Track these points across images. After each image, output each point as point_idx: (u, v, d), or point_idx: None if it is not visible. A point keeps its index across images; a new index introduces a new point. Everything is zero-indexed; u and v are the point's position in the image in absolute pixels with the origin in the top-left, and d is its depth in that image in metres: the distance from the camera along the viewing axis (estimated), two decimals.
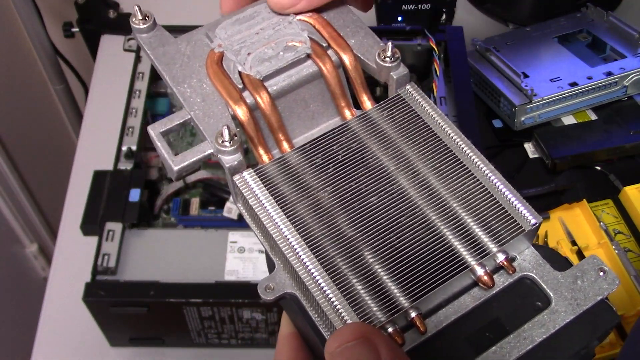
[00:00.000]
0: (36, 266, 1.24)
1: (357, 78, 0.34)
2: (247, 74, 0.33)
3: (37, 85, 1.19)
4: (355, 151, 0.32)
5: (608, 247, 0.75)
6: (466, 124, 0.74)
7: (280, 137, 0.33)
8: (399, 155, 0.32)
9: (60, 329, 0.71)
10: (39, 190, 1.22)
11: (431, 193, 0.31)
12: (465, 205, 0.30)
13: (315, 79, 0.34)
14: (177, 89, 0.33)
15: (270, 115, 0.33)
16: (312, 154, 0.32)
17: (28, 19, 1.00)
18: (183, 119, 0.33)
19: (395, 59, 0.33)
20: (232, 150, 0.31)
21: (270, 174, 0.31)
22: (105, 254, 0.65)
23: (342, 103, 0.34)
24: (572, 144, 0.82)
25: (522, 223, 0.30)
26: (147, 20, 0.35)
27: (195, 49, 0.34)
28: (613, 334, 0.69)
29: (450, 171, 0.31)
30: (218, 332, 0.67)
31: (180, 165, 0.32)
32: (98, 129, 0.84)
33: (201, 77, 0.33)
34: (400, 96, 0.33)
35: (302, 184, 0.31)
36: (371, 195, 0.31)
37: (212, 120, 0.32)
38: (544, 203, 0.78)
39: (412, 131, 0.32)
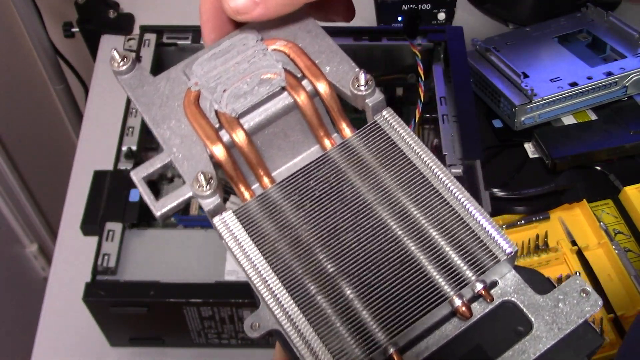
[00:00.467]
0: (36, 266, 1.24)
1: (334, 106, 0.34)
2: (223, 112, 0.33)
3: (37, 85, 1.19)
4: (332, 184, 0.32)
5: (608, 247, 0.75)
6: (466, 124, 0.74)
7: (260, 173, 0.34)
8: (377, 185, 0.32)
9: (60, 329, 0.71)
10: (39, 190, 1.22)
11: (408, 223, 0.31)
12: (442, 234, 0.30)
13: (292, 110, 0.34)
14: (157, 131, 0.33)
15: (247, 152, 0.33)
16: (289, 191, 0.32)
17: (28, 19, 1.00)
18: (163, 162, 0.33)
19: (369, 86, 0.33)
20: (209, 194, 0.31)
21: (249, 213, 0.32)
22: (105, 254, 0.65)
23: (321, 133, 0.34)
24: (572, 144, 0.82)
25: (497, 252, 0.30)
26: (126, 61, 0.35)
27: (174, 88, 0.35)
28: (613, 333, 0.69)
29: (426, 200, 0.31)
30: (218, 332, 0.67)
31: (161, 210, 0.32)
32: (98, 129, 0.84)
33: (179, 117, 0.34)
34: (376, 123, 0.33)
35: (281, 222, 0.31)
36: (348, 230, 0.31)
37: (191, 162, 0.32)
38: (544, 203, 0.78)
39: (389, 159, 0.32)
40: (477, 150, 0.72)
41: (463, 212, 0.31)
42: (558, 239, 0.75)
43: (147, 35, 0.84)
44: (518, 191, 0.78)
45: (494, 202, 0.72)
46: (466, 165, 0.71)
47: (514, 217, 0.77)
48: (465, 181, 0.69)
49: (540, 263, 0.74)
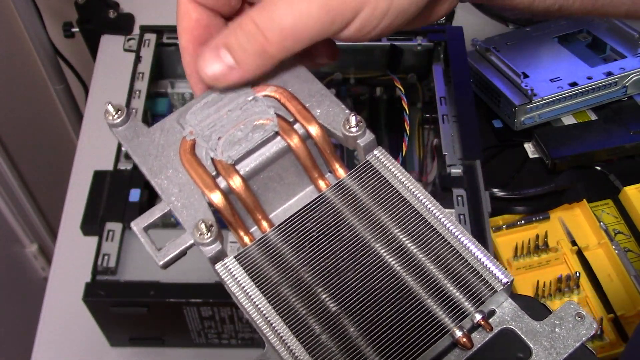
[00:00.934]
0: (36, 266, 1.24)
1: (326, 148, 0.34)
2: (219, 160, 0.34)
3: (37, 85, 1.19)
4: (330, 225, 0.33)
5: (608, 247, 0.75)
6: (466, 124, 0.74)
7: (258, 217, 0.34)
8: (373, 223, 0.33)
9: (60, 329, 0.71)
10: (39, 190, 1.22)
11: (406, 259, 0.32)
12: (440, 268, 0.31)
13: (286, 153, 0.35)
14: (155, 182, 0.34)
15: (245, 197, 0.34)
16: (288, 234, 0.33)
17: (28, 19, 1.00)
18: (163, 212, 0.34)
19: (360, 127, 0.33)
20: (210, 242, 0.32)
21: (250, 258, 0.32)
22: (105, 254, 0.65)
23: (315, 174, 0.35)
24: (572, 144, 0.82)
25: (494, 283, 0.30)
26: (120, 114, 0.36)
27: (169, 137, 0.35)
28: (613, 333, 0.69)
29: (422, 235, 0.32)
30: (218, 332, 0.67)
31: (164, 260, 0.33)
32: (98, 129, 0.84)
33: (176, 166, 0.34)
34: (368, 162, 0.34)
35: (282, 264, 0.32)
36: (348, 269, 0.31)
37: (190, 210, 0.33)
38: (544, 203, 0.78)
39: (383, 197, 0.33)
40: (477, 150, 0.72)
41: (458, 245, 0.32)
42: (558, 239, 0.75)
43: (147, 35, 0.84)
44: (518, 191, 0.78)
45: (494, 202, 0.72)
46: (466, 165, 0.71)
47: (514, 217, 0.77)
48: (465, 181, 0.69)
49: (540, 263, 0.74)
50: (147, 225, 0.34)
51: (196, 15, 0.37)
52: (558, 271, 0.73)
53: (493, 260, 0.31)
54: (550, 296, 0.71)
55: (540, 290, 0.71)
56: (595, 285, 0.72)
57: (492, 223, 0.75)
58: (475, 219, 0.67)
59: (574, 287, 0.71)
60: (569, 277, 0.71)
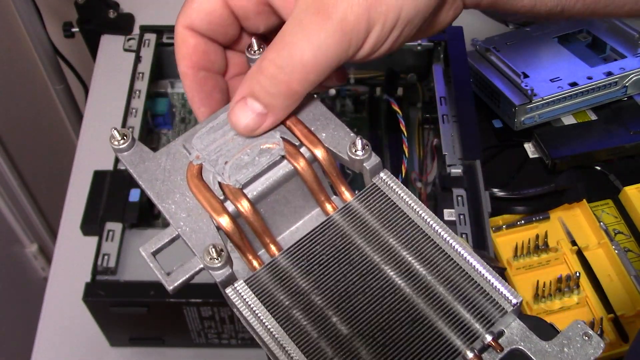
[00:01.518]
0: (36, 266, 1.24)
1: (332, 171, 0.35)
2: (226, 184, 0.34)
3: (37, 85, 1.19)
4: (338, 248, 0.33)
5: (608, 247, 0.75)
6: (466, 124, 0.74)
7: (267, 240, 0.34)
8: (381, 245, 0.33)
9: (60, 329, 0.71)
10: (39, 190, 1.22)
11: (416, 281, 0.32)
12: (449, 290, 0.31)
13: (293, 177, 0.35)
14: (162, 206, 0.34)
15: (253, 221, 0.34)
16: (297, 257, 0.33)
17: (28, 19, 1.00)
18: (171, 236, 0.34)
19: (366, 150, 0.34)
20: (220, 266, 0.32)
21: (260, 282, 0.32)
22: (105, 254, 0.65)
23: (322, 197, 0.35)
24: (572, 144, 0.82)
25: (503, 304, 0.31)
26: (126, 139, 0.36)
27: (175, 162, 0.35)
28: (613, 333, 0.69)
29: (431, 257, 0.32)
30: (218, 332, 0.67)
31: (174, 285, 0.33)
32: (98, 129, 0.84)
33: (183, 191, 0.34)
34: (375, 185, 0.34)
35: (292, 288, 0.32)
36: (358, 292, 0.32)
37: (199, 235, 0.33)
38: (544, 203, 0.78)
39: (391, 220, 0.33)
40: (477, 150, 0.72)
41: (467, 267, 0.32)
42: (558, 239, 0.75)
43: (147, 35, 0.84)
44: (518, 191, 0.78)
45: (494, 202, 0.72)
46: (466, 165, 0.71)
47: (514, 217, 0.77)
48: (465, 181, 0.69)
49: (540, 263, 0.74)
50: (155, 250, 0.34)
51: (194, 42, 0.37)
52: (558, 271, 0.73)
53: (502, 281, 0.31)
54: (550, 296, 0.71)
55: (540, 290, 0.71)
56: (595, 285, 0.72)
57: (492, 223, 0.75)
58: (475, 219, 0.67)
59: (574, 287, 0.71)
60: (569, 277, 0.71)
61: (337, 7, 0.31)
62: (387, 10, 0.32)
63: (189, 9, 0.36)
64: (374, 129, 0.82)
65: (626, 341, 0.68)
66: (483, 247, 0.65)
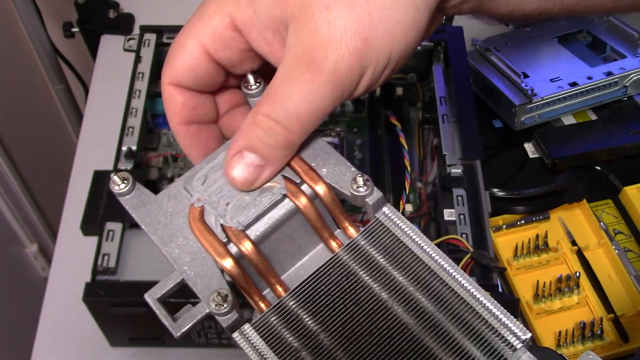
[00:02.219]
0: (36, 266, 1.24)
1: (335, 207, 0.35)
2: (229, 226, 0.34)
3: (37, 85, 1.19)
4: (345, 286, 0.33)
5: (608, 247, 0.75)
6: (466, 124, 0.74)
7: (271, 281, 0.34)
8: (388, 283, 0.33)
9: (60, 329, 0.71)
10: (39, 190, 1.22)
11: (424, 319, 0.31)
12: (458, 328, 0.31)
13: (295, 215, 0.35)
14: (166, 251, 0.34)
15: (257, 262, 0.33)
16: (304, 298, 0.32)
17: (28, 19, 1.00)
18: (176, 281, 0.33)
19: (368, 186, 0.34)
20: (226, 312, 0.32)
21: (267, 324, 0.32)
22: (105, 254, 0.65)
23: (325, 234, 0.35)
24: (572, 144, 0.82)
25: (512, 341, 0.31)
26: (126, 183, 0.36)
27: (176, 205, 0.35)
28: (613, 333, 0.69)
29: (438, 294, 0.32)
30: (218, 332, 0.67)
31: (180, 331, 0.33)
32: (98, 129, 0.84)
33: (186, 234, 0.34)
34: (379, 221, 0.34)
35: (300, 330, 0.32)
36: (367, 333, 0.31)
37: (204, 279, 0.33)
38: (544, 203, 0.78)
39: (396, 256, 0.33)
40: (477, 150, 0.72)
41: (474, 303, 0.32)
42: (558, 239, 0.75)
43: (147, 35, 0.84)
44: (518, 191, 0.78)
45: (494, 202, 0.72)
46: (466, 165, 0.71)
47: (514, 217, 0.77)
48: (465, 181, 0.69)
49: (540, 263, 0.74)
50: (160, 296, 0.33)
51: (182, 99, 0.37)
52: (558, 271, 0.73)
53: (511, 317, 0.31)
54: (550, 296, 0.71)
55: (540, 290, 0.71)
56: (595, 285, 0.72)
57: (492, 223, 0.75)
58: (475, 219, 0.67)
59: (573, 287, 0.71)
60: (569, 277, 0.71)
61: (328, 58, 0.31)
62: (377, 54, 0.31)
63: (173, 66, 0.35)
64: (374, 129, 0.82)
65: (626, 341, 0.68)
66: (483, 247, 0.65)
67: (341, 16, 0.30)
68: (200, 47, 0.34)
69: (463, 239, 0.64)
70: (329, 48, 0.30)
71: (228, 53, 0.35)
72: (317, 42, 0.31)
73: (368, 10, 0.30)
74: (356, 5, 0.30)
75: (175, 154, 0.78)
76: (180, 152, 0.78)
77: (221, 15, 0.34)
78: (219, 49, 0.35)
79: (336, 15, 0.30)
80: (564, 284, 0.71)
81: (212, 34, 0.34)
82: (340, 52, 0.30)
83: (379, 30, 0.31)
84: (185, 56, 0.35)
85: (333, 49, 0.30)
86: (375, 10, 0.30)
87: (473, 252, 0.63)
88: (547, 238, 0.74)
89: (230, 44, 0.34)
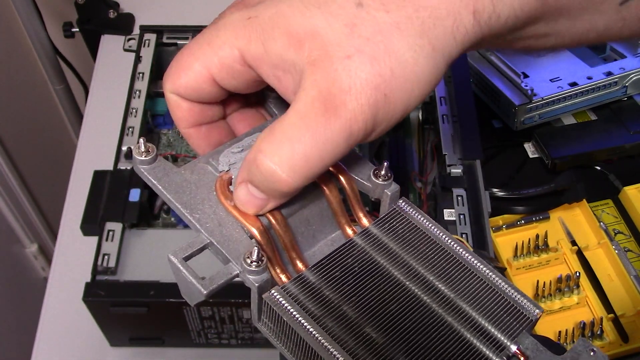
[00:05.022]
0: (36, 266, 1.24)
1: (353, 197, 0.36)
2: None
3: (37, 85, 1.19)
4: (364, 266, 0.34)
5: (608, 247, 0.75)
6: (466, 124, 0.74)
7: (294, 256, 0.35)
8: (407, 266, 0.34)
9: (60, 329, 0.71)
10: (39, 190, 1.22)
11: (443, 297, 0.33)
12: (475, 305, 0.33)
13: (316, 200, 0.36)
14: (193, 216, 0.34)
15: (284, 234, 0.34)
16: (329, 270, 0.33)
17: (28, 19, 1.00)
18: (203, 244, 0.33)
19: (389, 177, 0.35)
20: (260, 270, 0.32)
21: (294, 292, 0.32)
22: (105, 254, 0.65)
23: (343, 220, 0.36)
24: (572, 144, 0.82)
25: (527, 314, 0.33)
26: (149, 153, 0.35)
27: (201, 177, 0.35)
28: (613, 333, 0.69)
29: (455, 275, 0.34)
30: (218, 332, 0.67)
31: (209, 289, 0.32)
32: (98, 129, 0.84)
33: (212, 203, 0.34)
34: (396, 210, 0.36)
35: (326, 299, 0.32)
36: (392, 304, 0.33)
37: (233, 243, 0.33)
38: (544, 203, 0.78)
39: (414, 241, 0.35)
40: (477, 150, 0.72)
41: (490, 282, 0.34)
42: (558, 239, 0.75)
43: (147, 35, 0.84)
44: (518, 191, 0.78)
45: (494, 202, 0.72)
46: (466, 165, 0.71)
47: (514, 217, 0.77)
48: (465, 181, 0.69)
49: (540, 263, 0.74)
50: (186, 255, 0.33)
51: (187, 106, 0.36)
52: (558, 271, 0.73)
53: (524, 294, 0.33)
54: (550, 296, 0.71)
55: (540, 290, 0.71)
56: (595, 285, 0.72)
57: (492, 223, 0.75)
58: (475, 219, 0.67)
59: (573, 287, 0.71)
60: (569, 277, 0.71)
61: (346, 106, 0.30)
62: (394, 110, 0.31)
63: (176, 81, 0.35)
64: None
65: (626, 341, 0.69)
66: (483, 247, 0.65)
67: (363, 67, 0.30)
68: (207, 72, 0.34)
69: (463, 239, 0.64)
70: (347, 96, 0.30)
71: (235, 83, 0.34)
72: (335, 89, 0.30)
73: (390, 65, 0.30)
74: (378, 59, 0.30)
75: (176, 154, 0.78)
76: (180, 152, 0.78)
77: (231, 48, 0.33)
78: (226, 78, 0.34)
79: (358, 66, 0.30)
80: (564, 284, 0.71)
81: (220, 64, 0.33)
82: (360, 102, 0.30)
83: (399, 87, 0.30)
84: (190, 77, 0.35)
85: (352, 98, 0.30)
86: (397, 67, 0.30)
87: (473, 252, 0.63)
88: (547, 238, 0.74)
89: (238, 75, 0.34)
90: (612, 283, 0.73)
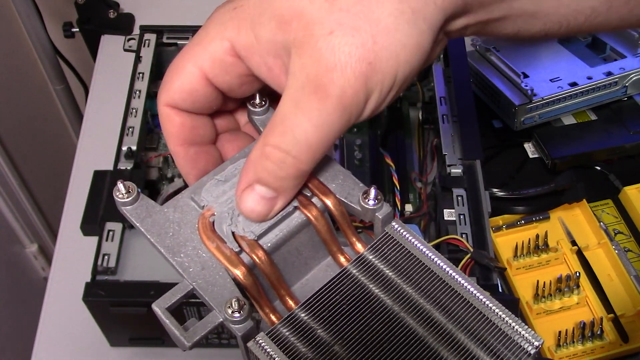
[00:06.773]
0: (36, 266, 1.24)
1: (344, 221, 0.35)
2: (241, 235, 0.33)
3: (37, 85, 1.19)
4: (357, 298, 0.32)
5: (608, 247, 0.75)
6: (466, 124, 0.74)
7: (282, 292, 0.34)
8: (400, 295, 0.33)
9: (60, 329, 0.71)
10: (39, 190, 1.22)
11: (439, 329, 0.32)
12: (471, 336, 0.31)
13: (304, 227, 0.35)
14: (175, 260, 0.33)
15: (269, 272, 0.33)
16: (318, 309, 0.32)
17: (28, 19, 1.00)
18: (185, 291, 0.33)
19: (379, 200, 0.34)
20: (242, 319, 0.31)
21: (281, 335, 0.32)
22: (105, 254, 0.65)
23: (334, 248, 0.35)
24: (572, 144, 0.82)
25: (526, 346, 0.31)
26: (130, 193, 0.35)
27: (184, 215, 0.35)
28: (613, 333, 0.69)
29: (451, 304, 0.32)
30: (218, 332, 0.67)
31: (192, 341, 0.32)
32: (98, 129, 0.84)
33: (195, 244, 0.34)
34: (388, 234, 0.34)
35: (315, 341, 0.31)
36: (381, 343, 0.31)
37: (216, 288, 0.32)
38: (544, 203, 0.78)
39: (407, 268, 0.33)
40: (477, 150, 0.72)
41: (487, 312, 0.32)
42: (558, 239, 0.75)
43: (147, 35, 0.84)
44: (518, 191, 0.78)
45: (494, 202, 0.72)
46: (466, 165, 0.71)
47: (514, 217, 0.77)
48: (465, 181, 0.69)
49: (540, 263, 0.74)
50: (169, 305, 0.33)
51: (179, 120, 0.36)
52: (558, 271, 0.73)
53: (522, 324, 0.31)
54: (550, 296, 0.71)
55: (540, 290, 0.71)
56: (595, 285, 0.72)
57: (492, 223, 0.75)
58: (475, 219, 0.67)
59: (573, 287, 0.71)
60: (569, 277, 0.71)
61: (334, 83, 0.30)
62: (383, 77, 0.31)
63: (170, 88, 0.35)
64: (374, 129, 0.82)
65: (626, 341, 0.69)
66: (483, 247, 0.65)
67: (345, 41, 0.30)
68: (199, 72, 0.34)
69: (463, 239, 0.64)
70: (334, 73, 0.30)
71: (228, 78, 0.35)
72: (322, 68, 0.30)
73: (372, 34, 0.30)
74: (360, 29, 0.30)
75: None
76: None
77: (221, 40, 0.33)
78: (219, 74, 0.34)
79: (340, 40, 0.30)
80: (564, 284, 0.71)
81: (211, 59, 0.34)
82: (346, 77, 0.30)
83: (383, 54, 0.30)
84: (184, 79, 0.35)
85: (339, 74, 0.30)
86: (380, 35, 0.30)
87: (473, 252, 0.63)
88: (547, 238, 0.74)
89: (230, 69, 0.34)
90: (612, 283, 0.73)
